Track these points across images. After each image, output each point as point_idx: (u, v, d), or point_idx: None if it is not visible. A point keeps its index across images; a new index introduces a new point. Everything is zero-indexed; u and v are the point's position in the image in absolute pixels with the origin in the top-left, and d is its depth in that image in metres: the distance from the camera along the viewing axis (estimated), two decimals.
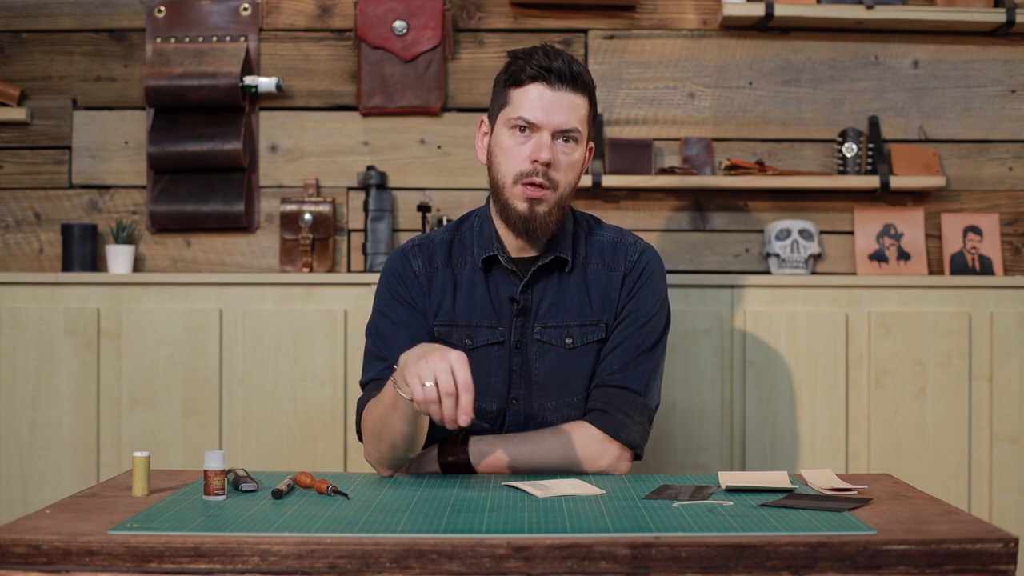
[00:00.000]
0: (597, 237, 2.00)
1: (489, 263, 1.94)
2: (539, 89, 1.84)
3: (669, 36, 3.01)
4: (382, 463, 1.84)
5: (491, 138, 1.92)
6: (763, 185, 2.90)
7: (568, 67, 1.85)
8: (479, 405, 1.92)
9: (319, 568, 1.35)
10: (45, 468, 2.79)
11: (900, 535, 1.38)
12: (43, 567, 1.36)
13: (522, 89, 1.85)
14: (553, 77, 1.84)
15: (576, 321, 1.93)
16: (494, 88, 1.93)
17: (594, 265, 1.97)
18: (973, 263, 2.96)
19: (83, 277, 2.82)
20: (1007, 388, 2.81)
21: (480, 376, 1.90)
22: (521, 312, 1.92)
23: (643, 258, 1.98)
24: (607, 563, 1.35)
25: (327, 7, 3.00)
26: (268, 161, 3.00)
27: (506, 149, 1.87)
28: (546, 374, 1.92)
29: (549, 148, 1.84)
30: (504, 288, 1.94)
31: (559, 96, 1.84)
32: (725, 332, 2.81)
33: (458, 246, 1.98)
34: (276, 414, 2.80)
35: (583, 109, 1.88)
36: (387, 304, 1.96)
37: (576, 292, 1.94)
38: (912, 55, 3.01)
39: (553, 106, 1.84)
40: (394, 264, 1.99)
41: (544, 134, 1.84)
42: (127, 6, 3.00)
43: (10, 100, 2.95)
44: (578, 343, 1.93)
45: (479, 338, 1.93)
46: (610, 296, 1.95)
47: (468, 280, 1.95)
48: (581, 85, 1.87)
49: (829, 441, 2.80)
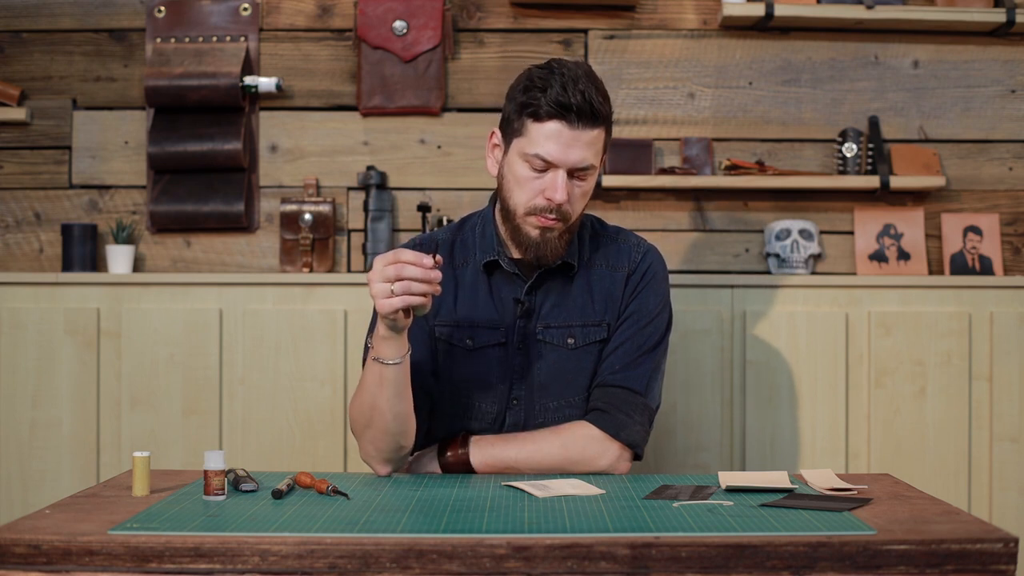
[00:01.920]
0: (602, 238, 2.01)
1: (491, 267, 1.95)
2: (557, 127, 1.81)
3: (669, 36, 3.01)
4: (380, 456, 1.84)
5: (504, 158, 1.90)
6: (763, 185, 2.90)
7: (588, 103, 1.80)
8: (479, 406, 1.93)
9: (319, 568, 1.35)
10: (45, 468, 2.79)
11: (900, 535, 1.38)
12: (43, 567, 1.36)
13: (539, 124, 1.82)
14: (573, 116, 1.80)
15: (579, 321, 1.94)
16: (508, 102, 1.89)
17: (598, 266, 1.97)
18: (973, 263, 2.96)
19: (83, 277, 2.82)
20: (1007, 388, 2.81)
21: (481, 376, 1.92)
22: (525, 314, 1.93)
23: (646, 259, 1.98)
24: (607, 563, 1.35)
25: (327, 7, 3.00)
26: (268, 161, 3.00)
27: (520, 180, 1.85)
28: (547, 374, 1.93)
29: (564, 188, 1.82)
30: (507, 290, 1.94)
31: (577, 135, 1.81)
32: (725, 332, 2.81)
33: (460, 247, 1.99)
34: (276, 414, 2.80)
35: (600, 141, 1.86)
36: None
37: (579, 293, 1.95)
38: (912, 55, 3.01)
39: (571, 145, 1.81)
40: None
41: (560, 173, 1.83)
42: (127, 6, 3.00)
43: (10, 100, 2.95)
44: (580, 343, 1.93)
45: (480, 339, 1.93)
46: (613, 296, 1.95)
47: (470, 281, 1.95)
48: (600, 119, 1.83)
49: (829, 441, 2.80)
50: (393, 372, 1.75)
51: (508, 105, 1.89)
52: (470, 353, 1.93)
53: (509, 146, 1.88)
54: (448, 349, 1.94)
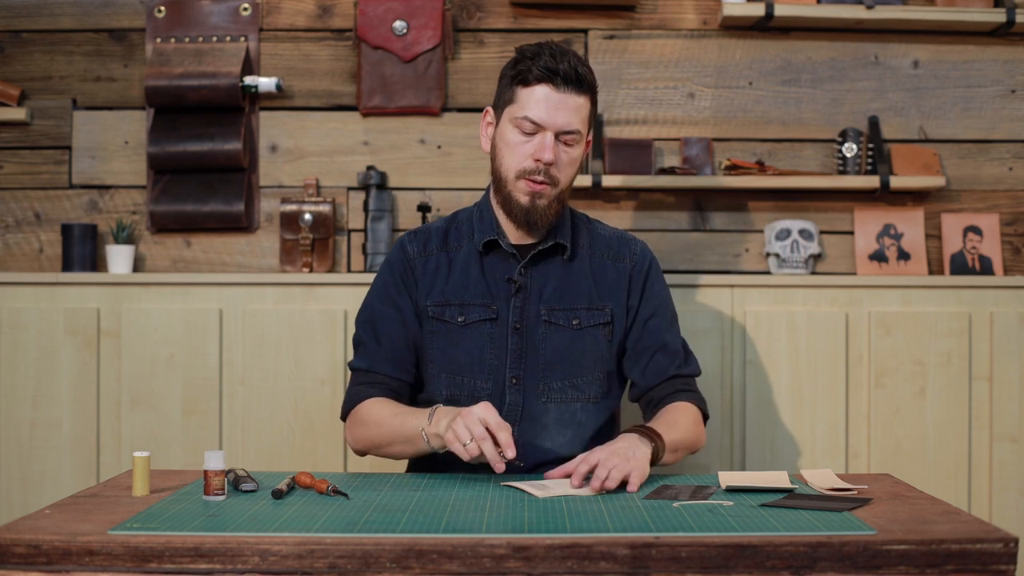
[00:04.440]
0: (599, 231, 2.13)
1: (489, 247, 2.04)
2: (545, 90, 1.92)
3: (669, 36, 3.01)
4: (367, 454, 2.00)
5: (496, 130, 2.01)
6: (763, 185, 2.90)
7: (574, 69, 1.92)
8: (474, 384, 2.00)
9: (319, 568, 1.35)
10: (45, 468, 2.79)
11: (900, 535, 1.38)
12: (43, 567, 1.36)
13: (528, 89, 1.93)
14: (559, 79, 1.91)
15: (584, 305, 2.04)
16: (500, 80, 2.00)
17: (599, 256, 2.09)
18: (973, 263, 2.96)
19: (83, 277, 2.82)
20: (1007, 388, 2.81)
21: (473, 353, 2.00)
22: (518, 291, 2.01)
23: (644, 252, 2.13)
24: (607, 563, 1.35)
25: (327, 7, 3.00)
26: (268, 161, 3.00)
27: (510, 145, 1.96)
28: (553, 353, 2.01)
29: (552, 148, 1.92)
30: (501, 270, 2.03)
31: (564, 98, 1.92)
32: (725, 332, 2.81)
33: (454, 232, 2.09)
34: (276, 414, 2.80)
35: (585, 109, 1.96)
36: (377, 298, 2.07)
37: (582, 278, 2.05)
38: (912, 55, 3.01)
39: (558, 108, 1.92)
40: (391, 255, 2.10)
41: (548, 134, 1.93)
42: (127, 6, 3.00)
43: (10, 100, 2.95)
44: (585, 324, 2.03)
45: (471, 315, 2.01)
46: (618, 285, 2.07)
47: (463, 262, 2.05)
48: (585, 87, 1.95)
49: (829, 441, 2.80)
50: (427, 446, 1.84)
51: (500, 83, 2.01)
52: (462, 329, 2.01)
53: (500, 117, 1.99)
54: (441, 328, 2.02)
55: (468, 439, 1.70)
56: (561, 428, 2.00)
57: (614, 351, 2.06)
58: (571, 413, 2.01)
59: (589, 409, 2.03)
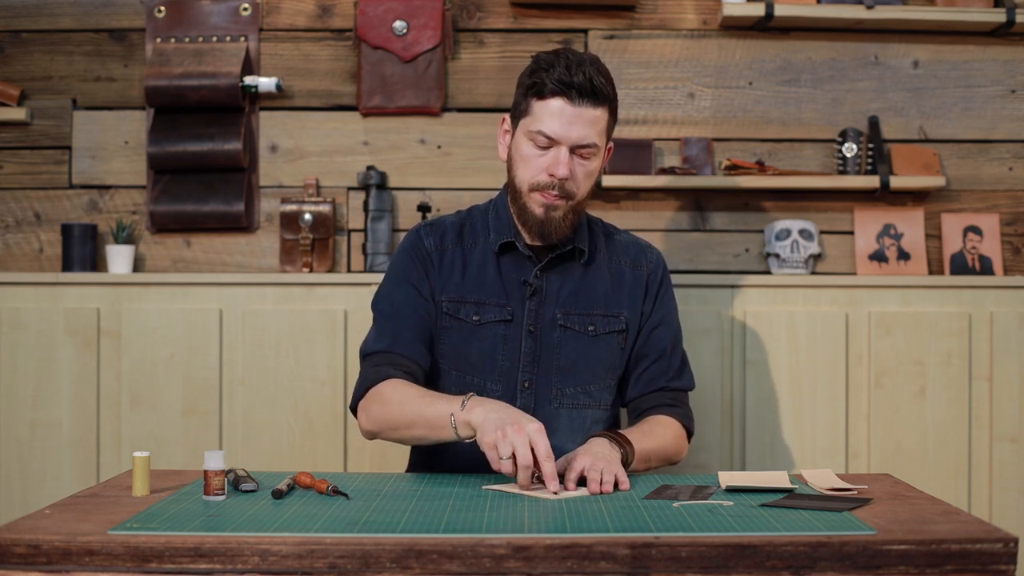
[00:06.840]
0: (617, 238, 2.12)
1: (504, 248, 2.01)
2: (559, 104, 1.88)
3: (669, 36, 3.01)
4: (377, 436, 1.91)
5: (512, 140, 1.98)
6: (763, 185, 2.90)
7: (589, 81, 1.87)
8: (484, 385, 1.97)
9: (319, 568, 1.35)
10: (45, 468, 2.79)
11: (900, 535, 1.38)
12: (43, 567, 1.36)
13: (543, 102, 1.89)
14: (574, 92, 1.87)
15: (600, 310, 2.02)
16: (517, 88, 1.97)
17: (618, 261, 2.07)
18: (973, 263, 2.96)
19: (83, 277, 2.82)
20: (1007, 388, 2.81)
21: (485, 353, 1.97)
22: (534, 294, 1.98)
23: (659, 261, 2.12)
24: (607, 563, 1.35)
25: (327, 7, 3.00)
26: (268, 161, 3.00)
27: (525, 158, 1.93)
28: (568, 358, 1.99)
29: (566, 164, 1.89)
30: (517, 271, 2.00)
31: (579, 112, 1.88)
32: (725, 332, 2.81)
33: (469, 229, 2.06)
34: (276, 414, 2.80)
35: (602, 121, 1.92)
36: (396, 282, 2.02)
37: (599, 283, 2.03)
38: (912, 55, 3.01)
39: (572, 122, 1.88)
40: (408, 242, 2.06)
41: (563, 149, 1.90)
42: (127, 6, 3.00)
43: (10, 100, 2.95)
44: (600, 331, 2.01)
45: (487, 315, 1.98)
46: (635, 292, 2.06)
47: (479, 260, 2.01)
48: (602, 98, 1.90)
49: (829, 441, 2.80)
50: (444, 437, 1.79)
51: (517, 92, 1.97)
52: (476, 328, 1.98)
53: (516, 128, 1.96)
54: (455, 325, 1.99)
55: (508, 454, 1.63)
56: (571, 433, 1.98)
57: (625, 358, 2.05)
58: (582, 419, 2.00)
59: (599, 415, 2.02)
